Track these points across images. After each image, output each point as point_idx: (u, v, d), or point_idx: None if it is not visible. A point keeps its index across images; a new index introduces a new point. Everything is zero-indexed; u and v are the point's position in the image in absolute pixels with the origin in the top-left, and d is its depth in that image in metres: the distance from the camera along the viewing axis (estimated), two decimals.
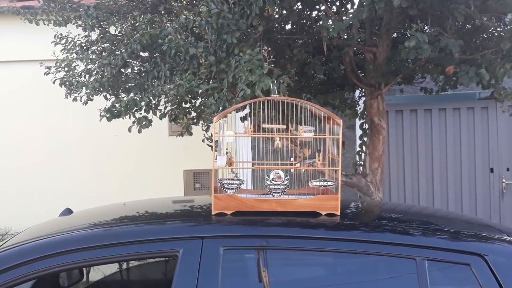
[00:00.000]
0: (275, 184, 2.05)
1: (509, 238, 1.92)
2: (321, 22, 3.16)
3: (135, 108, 3.30)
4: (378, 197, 3.84)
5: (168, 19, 3.81)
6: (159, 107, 3.50)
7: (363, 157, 4.12)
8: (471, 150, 5.40)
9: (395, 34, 3.99)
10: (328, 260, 1.95)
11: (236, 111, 2.36)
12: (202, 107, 3.47)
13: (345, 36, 3.35)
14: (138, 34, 3.28)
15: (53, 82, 3.80)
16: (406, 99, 5.58)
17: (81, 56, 3.79)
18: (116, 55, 3.50)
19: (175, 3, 3.94)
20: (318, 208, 2.01)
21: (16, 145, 6.20)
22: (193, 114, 3.73)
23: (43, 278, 2.41)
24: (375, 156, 3.89)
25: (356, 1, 3.78)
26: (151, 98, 3.28)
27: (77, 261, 1.81)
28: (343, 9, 3.86)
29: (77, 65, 3.87)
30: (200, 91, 3.17)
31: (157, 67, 3.33)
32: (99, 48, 3.83)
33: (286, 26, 3.84)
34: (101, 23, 3.77)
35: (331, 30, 2.89)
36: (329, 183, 2.11)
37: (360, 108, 4.61)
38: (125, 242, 1.84)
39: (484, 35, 3.55)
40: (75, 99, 3.73)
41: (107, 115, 3.34)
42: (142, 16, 3.45)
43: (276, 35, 3.64)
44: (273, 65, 2.98)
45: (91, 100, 3.66)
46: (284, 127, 2.24)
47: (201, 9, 3.05)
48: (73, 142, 6.12)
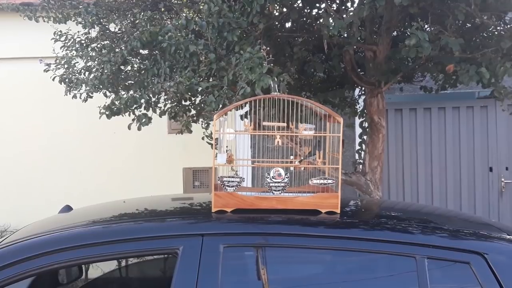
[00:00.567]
0: (275, 182, 2.04)
1: (509, 237, 1.92)
2: (322, 20, 3.16)
3: (135, 106, 3.30)
4: (378, 196, 3.85)
5: (168, 17, 3.81)
6: (159, 105, 3.50)
7: (363, 156, 4.12)
8: (470, 149, 5.40)
9: (396, 33, 4.00)
10: (328, 258, 1.95)
11: (236, 109, 2.36)
12: (202, 105, 3.47)
13: (346, 34, 3.35)
14: (138, 32, 3.27)
15: (53, 79, 3.80)
16: (406, 98, 5.58)
17: (81, 53, 3.79)
18: (116, 53, 3.50)
19: (175, 1, 3.93)
20: (318, 206, 2.01)
21: (16, 142, 6.20)
22: (193, 112, 3.73)
23: (43, 275, 2.41)
24: (375, 155, 3.89)
25: (356, 0, 3.78)
26: (151, 96, 3.28)
27: (77, 258, 1.81)
28: (344, 7, 3.86)
29: (77, 62, 3.86)
30: (200, 89, 3.16)
31: (157, 65, 3.33)
32: (99, 45, 3.82)
33: (287, 24, 3.84)
34: (101, 20, 3.77)
35: (332, 28, 2.89)
36: (329, 181, 2.10)
37: (360, 107, 4.61)
38: (125, 239, 1.83)
39: (484, 34, 3.55)
40: (75, 96, 3.73)
41: (107, 113, 3.34)
42: (142, 14, 3.44)
43: (277, 33, 3.64)
44: (273, 63, 2.98)
45: (91, 97, 3.66)
46: (284, 125, 2.24)
47: (202, 7, 3.05)
48: (73, 139, 6.12)
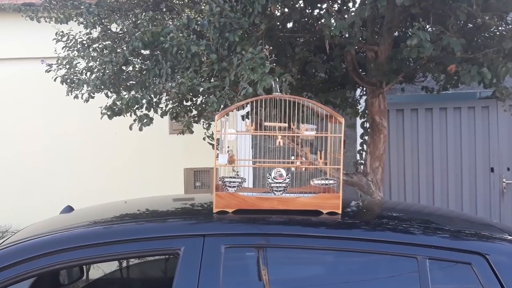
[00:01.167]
0: (277, 182, 2.05)
1: (510, 237, 1.92)
2: (323, 21, 3.15)
3: (136, 106, 3.30)
4: (379, 196, 3.85)
5: (170, 17, 3.81)
6: (160, 105, 3.50)
7: (364, 156, 4.12)
8: (472, 150, 5.40)
9: (397, 33, 3.99)
10: (329, 259, 1.95)
11: (238, 109, 2.36)
12: (204, 105, 3.47)
13: (347, 35, 3.35)
14: (140, 32, 3.28)
15: (55, 80, 3.80)
16: (407, 98, 5.58)
17: (83, 54, 3.79)
18: (118, 53, 3.50)
19: (177, 1, 3.93)
20: (320, 207, 2.01)
21: (17, 143, 6.20)
22: (194, 112, 3.73)
23: (44, 276, 2.41)
24: (376, 155, 3.89)
25: (358, 0, 3.78)
26: (152, 96, 3.28)
27: (78, 259, 1.81)
28: (345, 7, 3.85)
29: (79, 63, 3.86)
30: (202, 89, 3.16)
31: (159, 65, 3.33)
32: (101, 46, 3.82)
33: (288, 24, 3.83)
34: (103, 21, 3.77)
35: (333, 29, 2.89)
36: (331, 182, 2.10)
37: (361, 107, 4.61)
38: (126, 240, 1.84)
39: (486, 34, 3.55)
40: (76, 97, 3.73)
41: (108, 113, 3.35)
42: (144, 14, 3.44)
43: (278, 34, 3.63)
44: (275, 64, 2.98)
45: (92, 98, 3.66)
46: (286, 126, 2.24)
47: (203, 8, 3.05)
48: (74, 140, 6.12)
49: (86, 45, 3.85)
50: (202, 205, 2.47)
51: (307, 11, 3.73)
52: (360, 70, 3.95)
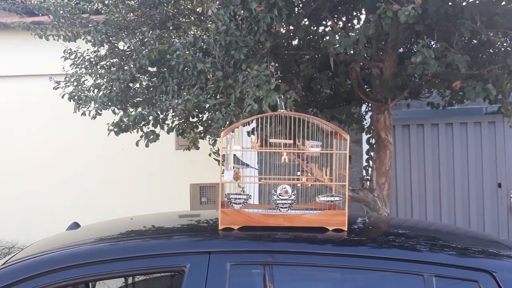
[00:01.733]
0: (282, 199, 2.05)
1: None
2: (328, 38, 3.18)
3: (143, 123, 3.32)
4: (385, 212, 3.83)
5: (177, 35, 3.86)
6: (167, 121, 3.52)
7: (370, 172, 4.11)
8: (479, 165, 5.37)
9: (402, 49, 4.01)
10: (335, 276, 1.94)
11: (243, 125, 2.38)
12: (210, 122, 3.50)
13: (352, 52, 3.37)
14: (147, 50, 3.32)
15: (62, 97, 3.84)
16: (413, 114, 5.58)
17: (90, 71, 3.84)
18: (125, 70, 3.54)
19: (183, 19, 3.99)
20: (325, 224, 2.01)
21: (24, 158, 6.25)
22: (200, 129, 3.75)
23: None
24: (382, 171, 3.88)
25: (363, 17, 3.81)
26: (159, 113, 3.31)
27: (84, 276, 1.81)
28: (350, 25, 3.89)
29: (86, 80, 3.91)
30: (208, 106, 3.19)
31: (165, 82, 3.36)
32: (108, 63, 3.88)
33: (293, 42, 3.87)
34: (110, 39, 3.82)
35: (338, 46, 2.91)
36: (336, 198, 2.11)
37: (367, 123, 4.61)
38: (132, 257, 1.84)
39: (491, 50, 3.56)
40: (84, 114, 3.77)
41: (115, 129, 3.37)
42: (151, 32, 3.49)
43: (283, 51, 3.66)
44: (280, 80, 3.00)
45: (100, 115, 3.69)
46: (291, 142, 2.25)
47: (209, 26, 3.09)
48: (81, 156, 6.16)
49: (94, 63, 3.90)
50: (208, 222, 2.47)
51: (312, 29, 3.77)
52: (365, 87, 3.97)
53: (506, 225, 5.30)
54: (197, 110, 3.23)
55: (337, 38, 2.98)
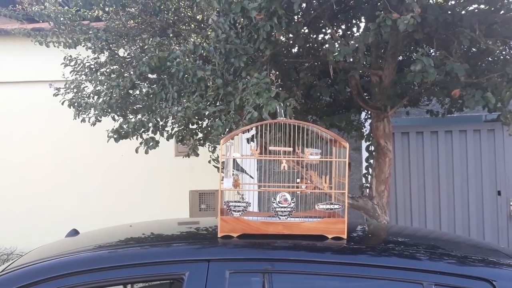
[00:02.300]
0: (282, 207, 2.04)
1: None
2: (327, 46, 3.19)
3: (143, 129, 3.33)
4: (385, 220, 3.82)
5: (177, 42, 3.88)
6: (166, 128, 3.53)
7: (370, 180, 4.11)
8: (478, 173, 5.37)
9: (401, 57, 4.02)
10: (335, 284, 1.93)
11: (243, 132, 2.38)
12: (209, 129, 3.50)
13: (351, 60, 3.39)
14: (147, 57, 3.33)
15: (62, 103, 3.85)
16: (413, 121, 5.58)
17: (90, 78, 3.85)
18: (125, 77, 3.55)
19: (184, 27, 4.00)
20: (325, 232, 2.00)
21: (24, 164, 6.24)
22: (200, 136, 3.76)
23: None
24: (382, 179, 3.88)
25: (362, 25, 3.83)
26: (159, 120, 3.32)
27: (83, 283, 1.80)
28: (349, 33, 3.90)
29: (86, 87, 3.93)
30: (207, 113, 3.20)
31: (165, 89, 3.37)
32: (108, 70, 3.89)
33: (293, 50, 3.88)
34: (110, 46, 3.84)
35: (337, 54, 2.92)
36: (336, 206, 2.10)
37: (366, 130, 4.61)
38: (131, 264, 1.84)
39: (490, 59, 3.57)
40: (84, 120, 3.77)
41: (115, 136, 3.38)
42: (151, 39, 3.51)
43: (283, 59, 3.67)
44: (280, 88, 3.01)
45: (99, 121, 3.70)
46: (291, 150, 2.25)
47: (209, 34, 3.10)
48: (81, 163, 6.16)
49: (94, 70, 3.92)
50: (207, 229, 2.47)
51: (312, 37, 3.78)
52: (365, 94, 3.97)
53: (506, 233, 5.30)
54: (197, 117, 3.23)
55: (337, 46, 2.99)
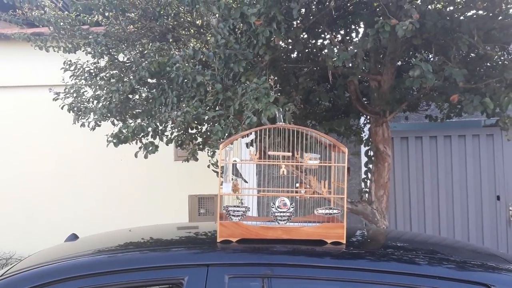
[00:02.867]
0: (281, 212, 2.05)
1: None
2: (326, 51, 3.20)
3: (142, 134, 3.34)
4: (384, 225, 3.82)
5: (176, 47, 3.89)
6: (166, 133, 3.53)
7: (369, 184, 4.11)
8: (477, 178, 5.37)
9: (400, 63, 4.04)
10: None
11: (242, 137, 2.39)
12: (208, 134, 3.51)
13: (350, 65, 3.40)
14: (147, 62, 3.34)
15: (62, 108, 3.86)
16: (412, 126, 5.59)
17: (90, 82, 3.86)
18: (124, 82, 3.56)
19: (183, 32, 4.02)
20: (324, 236, 2.01)
21: (23, 169, 6.24)
22: (199, 140, 3.76)
23: None
24: (381, 183, 3.88)
25: (361, 31, 3.85)
26: (158, 124, 3.32)
27: None
28: (348, 38, 3.92)
29: (86, 91, 3.93)
30: (207, 118, 3.21)
31: (165, 94, 3.38)
32: (108, 75, 3.90)
33: (292, 55, 3.89)
34: (110, 50, 3.85)
35: (336, 59, 2.93)
36: (335, 211, 2.11)
37: (365, 135, 4.62)
38: (130, 269, 1.84)
39: (488, 64, 3.58)
40: (83, 125, 3.78)
41: (114, 141, 3.38)
42: (151, 44, 3.52)
43: (282, 64, 3.69)
44: (279, 93, 3.02)
45: (99, 126, 3.70)
46: (290, 155, 2.25)
47: (209, 39, 3.11)
48: (80, 167, 6.16)
49: (94, 74, 3.92)
50: (206, 234, 2.46)
51: (311, 42, 3.80)
52: (364, 99, 3.98)
53: (505, 238, 5.30)
54: (196, 122, 3.24)
55: (336, 52, 3.00)
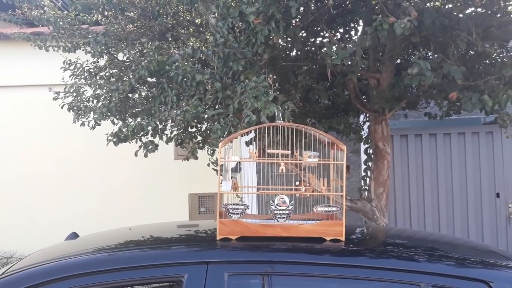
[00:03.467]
0: (280, 209, 2.06)
1: None
2: (325, 49, 3.21)
3: (142, 133, 3.34)
4: (384, 222, 3.83)
5: (176, 46, 3.89)
6: (166, 132, 3.54)
7: (368, 182, 4.12)
8: (477, 175, 5.38)
9: (399, 60, 4.04)
10: (333, 286, 1.94)
11: (242, 135, 2.40)
12: (208, 132, 3.51)
13: (349, 63, 3.40)
14: (146, 61, 3.35)
15: (62, 107, 3.86)
16: (411, 124, 5.60)
17: (90, 82, 3.87)
18: (124, 81, 3.57)
19: (182, 31, 4.02)
20: (323, 234, 2.02)
21: (23, 168, 6.25)
22: (199, 139, 3.77)
23: None
24: (380, 181, 3.89)
25: (359, 29, 3.85)
26: (158, 123, 3.33)
27: (82, 286, 1.81)
28: (347, 36, 3.92)
29: (85, 91, 3.94)
30: (206, 117, 3.21)
31: (164, 93, 3.38)
32: (107, 74, 3.90)
33: (291, 53, 3.90)
34: (110, 50, 3.85)
35: (335, 57, 2.93)
36: (334, 209, 2.12)
37: (365, 133, 4.63)
38: (130, 267, 1.85)
39: (487, 61, 3.59)
40: (83, 124, 3.78)
41: (114, 140, 3.39)
42: (150, 43, 3.52)
43: (281, 62, 3.69)
44: (278, 91, 3.02)
45: (99, 125, 3.71)
46: (289, 153, 2.26)
47: (208, 38, 3.12)
48: (80, 166, 6.16)
49: (93, 73, 3.93)
50: (206, 232, 2.47)
51: (309, 41, 3.80)
52: (363, 97, 3.99)
53: (505, 235, 5.31)
54: (196, 121, 3.25)
55: (334, 50, 3.01)
